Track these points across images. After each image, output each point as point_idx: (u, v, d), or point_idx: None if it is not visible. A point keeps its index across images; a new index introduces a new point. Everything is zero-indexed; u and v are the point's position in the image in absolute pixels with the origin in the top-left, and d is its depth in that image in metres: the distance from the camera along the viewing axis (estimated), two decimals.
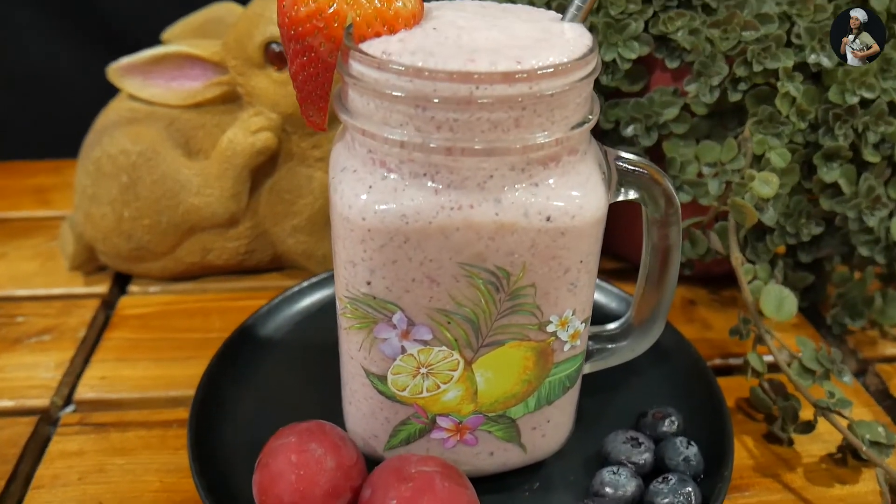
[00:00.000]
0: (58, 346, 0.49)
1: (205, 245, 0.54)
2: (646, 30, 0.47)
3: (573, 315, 0.34)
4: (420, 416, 0.35)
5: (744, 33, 0.44)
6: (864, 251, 0.47)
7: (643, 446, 0.38)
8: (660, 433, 0.40)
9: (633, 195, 0.36)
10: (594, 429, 0.40)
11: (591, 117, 0.32)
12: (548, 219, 0.31)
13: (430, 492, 0.32)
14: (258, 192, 0.53)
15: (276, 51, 0.49)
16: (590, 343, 0.40)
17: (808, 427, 0.41)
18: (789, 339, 0.46)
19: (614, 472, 0.36)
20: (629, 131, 0.48)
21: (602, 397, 0.43)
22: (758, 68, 0.44)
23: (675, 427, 0.40)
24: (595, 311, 0.37)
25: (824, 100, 0.45)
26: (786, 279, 0.49)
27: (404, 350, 0.33)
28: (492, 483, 0.37)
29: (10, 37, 0.70)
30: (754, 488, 0.40)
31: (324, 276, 0.50)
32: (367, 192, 0.31)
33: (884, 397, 0.47)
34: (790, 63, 0.44)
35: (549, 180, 0.31)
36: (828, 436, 0.42)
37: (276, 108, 0.50)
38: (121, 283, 0.56)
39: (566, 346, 0.35)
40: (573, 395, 0.38)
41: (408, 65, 0.29)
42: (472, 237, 0.31)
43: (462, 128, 0.29)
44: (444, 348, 0.33)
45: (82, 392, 0.45)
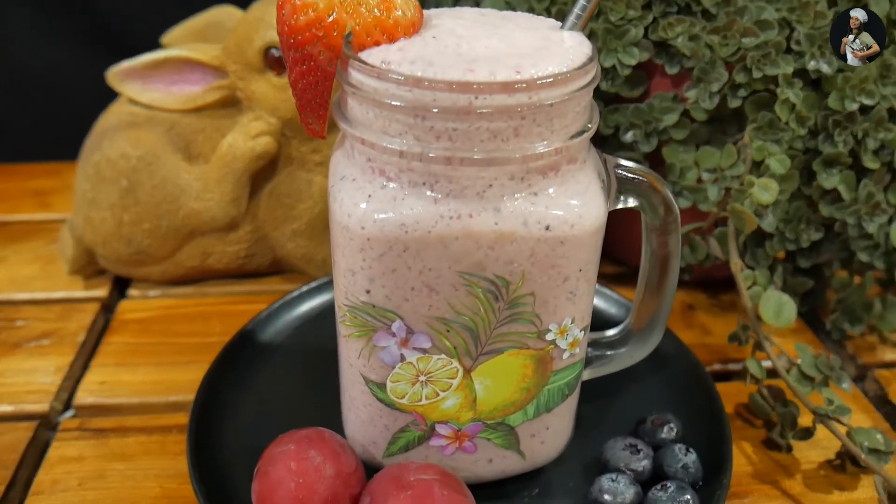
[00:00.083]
0: (57, 350, 0.49)
1: (205, 249, 0.54)
2: (645, 36, 0.47)
3: (572, 323, 0.34)
4: (419, 423, 0.35)
5: (743, 40, 0.44)
6: (864, 257, 0.47)
7: (642, 453, 0.38)
8: (659, 440, 0.40)
9: (632, 203, 0.36)
10: (593, 435, 0.40)
11: (590, 126, 0.32)
12: (547, 228, 0.31)
13: (429, 500, 0.32)
14: (258, 197, 0.53)
15: (276, 56, 0.49)
16: (589, 349, 0.41)
17: (807, 433, 0.41)
18: (788, 343, 0.46)
19: (613, 480, 0.36)
20: (629, 137, 0.48)
21: (601, 403, 0.43)
22: (757, 74, 0.44)
23: (673, 434, 0.40)
24: (594, 316, 0.37)
25: (824, 106, 0.45)
26: (785, 284, 0.49)
27: (403, 358, 0.33)
28: (491, 490, 0.37)
29: (10, 39, 0.70)
30: (753, 495, 0.40)
31: (324, 280, 0.50)
32: (366, 201, 0.31)
33: (882, 403, 0.47)
34: (790, 69, 0.44)
35: (548, 189, 0.31)
36: (827, 442, 0.42)
37: (275, 112, 0.50)
38: (120, 286, 0.56)
39: (565, 354, 0.35)
40: (572, 403, 0.38)
41: (407, 74, 0.29)
42: (472, 246, 0.31)
43: (461, 137, 0.29)
44: (443, 356, 0.33)
45: (82, 397, 0.45)
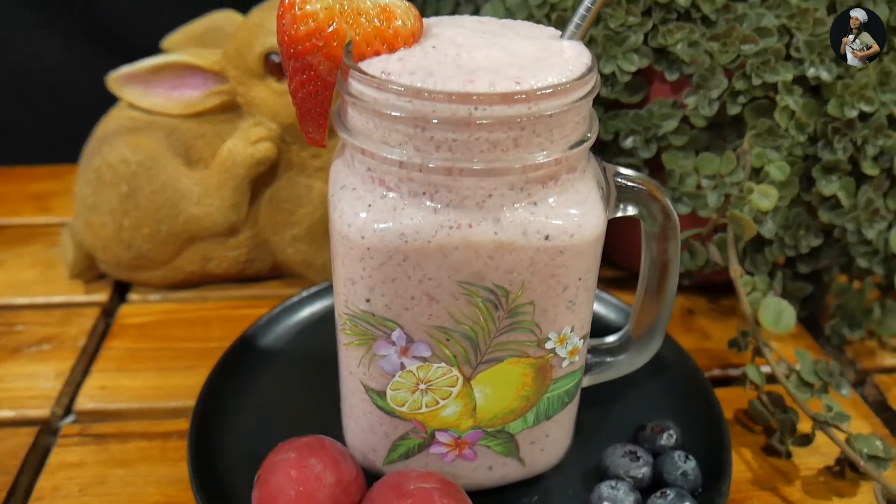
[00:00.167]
0: (58, 355, 0.49)
1: (205, 254, 0.54)
2: (645, 42, 0.47)
3: (572, 332, 0.34)
4: (419, 431, 0.36)
5: (743, 46, 0.44)
6: (863, 262, 0.47)
7: (641, 460, 0.38)
8: (658, 447, 0.40)
9: (631, 211, 0.36)
10: (592, 442, 0.41)
11: (589, 135, 0.32)
12: (546, 237, 0.31)
13: None
14: (258, 202, 0.53)
15: (276, 61, 0.49)
16: (588, 356, 0.41)
17: (807, 440, 0.41)
18: (788, 348, 0.47)
19: (612, 487, 0.37)
20: (628, 143, 0.48)
21: (600, 410, 0.43)
22: (757, 81, 0.44)
23: (673, 441, 0.40)
24: (594, 321, 0.37)
25: (823, 113, 0.45)
26: (785, 290, 0.49)
27: (403, 366, 0.34)
28: (490, 497, 0.37)
29: (10, 41, 0.70)
30: (752, 501, 0.40)
31: (324, 285, 0.50)
32: (366, 211, 0.31)
33: (882, 409, 0.47)
34: (789, 76, 0.44)
35: (548, 199, 0.31)
36: (826, 448, 0.42)
37: (275, 118, 0.51)
38: (121, 291, 0.56)
39: (565, 363, 0.35)
40: (572, 410, 0.38)
41: (407, 85, 0.29)
42: (471, 256, 0.31)
43: (461, 148, 0.29)
44: (442, 365, 0.33)
45: (82, 402, 0.46)
